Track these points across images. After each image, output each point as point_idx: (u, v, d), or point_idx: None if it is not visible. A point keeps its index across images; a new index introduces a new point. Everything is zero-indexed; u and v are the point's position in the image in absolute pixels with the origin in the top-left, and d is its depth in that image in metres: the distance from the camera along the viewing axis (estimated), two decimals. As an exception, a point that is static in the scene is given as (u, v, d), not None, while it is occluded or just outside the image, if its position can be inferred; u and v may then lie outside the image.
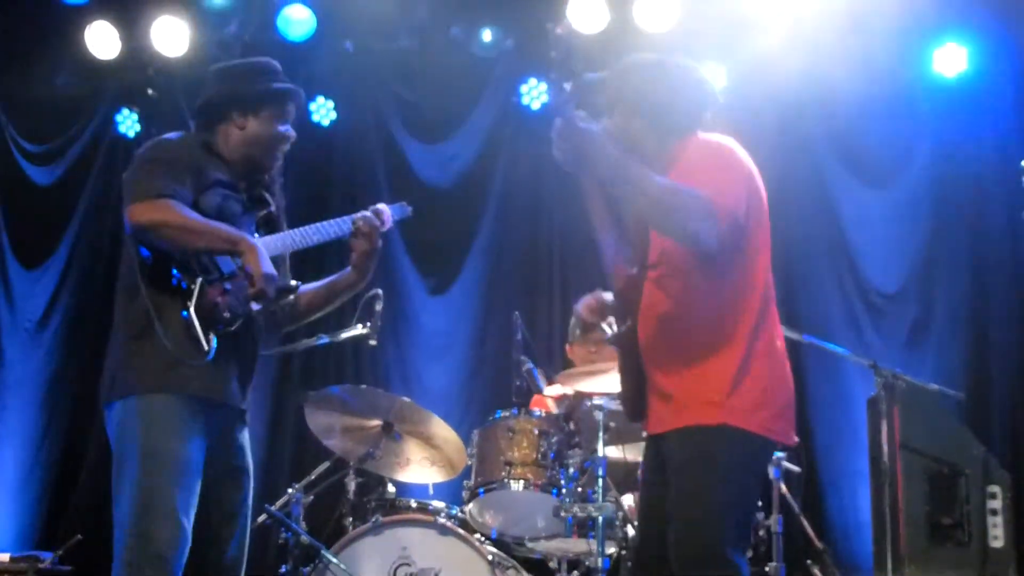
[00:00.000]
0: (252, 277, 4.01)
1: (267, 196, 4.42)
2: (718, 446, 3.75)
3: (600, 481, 5.39)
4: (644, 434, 4.15)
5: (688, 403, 3.81)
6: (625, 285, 4.02)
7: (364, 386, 6.16)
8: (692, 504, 3.74)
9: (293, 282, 4.29)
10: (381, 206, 4.56)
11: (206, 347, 3.96)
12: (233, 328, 4.07)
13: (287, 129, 4.39)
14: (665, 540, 3.83)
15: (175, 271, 4.01)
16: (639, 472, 4.32)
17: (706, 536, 3.71)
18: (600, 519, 5.32)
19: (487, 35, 8.31)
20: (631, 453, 5.79)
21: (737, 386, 3.78)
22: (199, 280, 4.01)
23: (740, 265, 3.87)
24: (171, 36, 8.27)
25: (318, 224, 4.42)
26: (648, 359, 3.95)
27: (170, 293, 4.01)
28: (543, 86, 8.44)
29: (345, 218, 4.45)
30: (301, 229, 4.39)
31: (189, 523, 3.93)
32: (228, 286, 4.06)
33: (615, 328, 4.17)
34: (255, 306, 4.13)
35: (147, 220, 3.99)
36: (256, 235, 4.26)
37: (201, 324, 3.96)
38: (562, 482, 5.62)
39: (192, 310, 3.96)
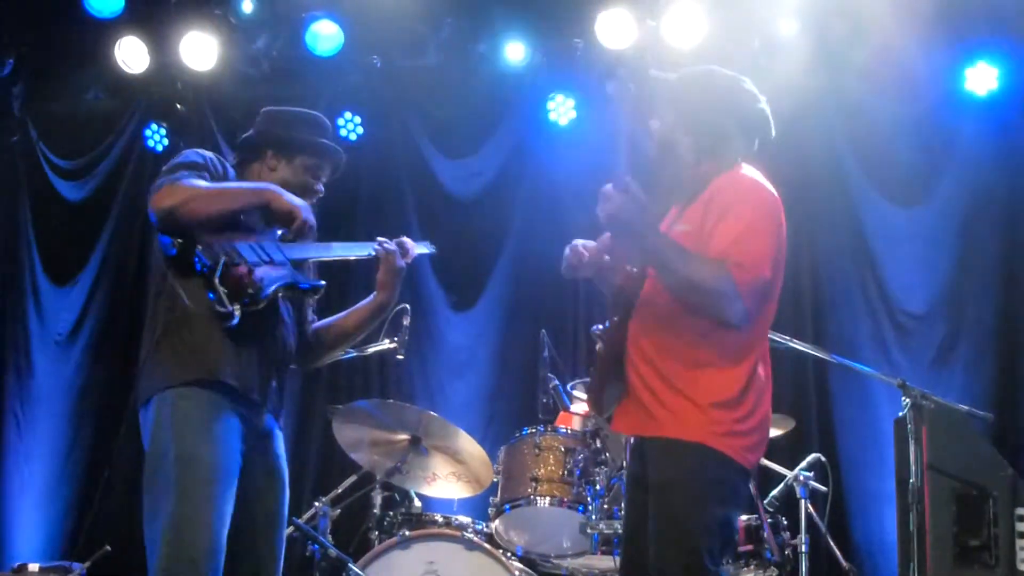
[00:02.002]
0: (288, 212, 4.09)
1: None
2: (699, 466, 3.77)
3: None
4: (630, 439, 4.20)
5: (675, 413, 3.81)
6: (624, 281, 4.01)
7: (391, 400, 6.16)
8: (674, 525, 3.76)
9: (319, 281, 4.34)
10: (406, 240, 4.60)
11: (229, 310, 3.98)
12: (257, 307, 4.08)
13: (315, 183, 4.45)
14: (647, 563, 3.85)
15: (199, 254, 4.03)
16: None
17: (688, 557, 3.72)
18: (627, 536, 5.31)
19: (514, 51, 8.31)
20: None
21: (729, 409, 3.80)
22: (222, 260, 4.04)
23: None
24: (200, 51, 8.28)
25: (329, 243, 4.51)
26: (639, 358, 3.92)
27: (195, 279, 4.04)
28: (570, 102, 8.45)
29: (367, 243, 4.53)
30: (323, 243, 4.44)
31: (224, 530, 3.94)
32: (252, 269, 4.09)
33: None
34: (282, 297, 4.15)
35: (170, 202, 4.01)
36: (279, 246, 4.28)
37: (226, 296, 3.99)
38: (588, 499, 5.63)
39: (217, 284, 3.99)
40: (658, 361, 3.87)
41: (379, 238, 4.53)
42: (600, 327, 4.00)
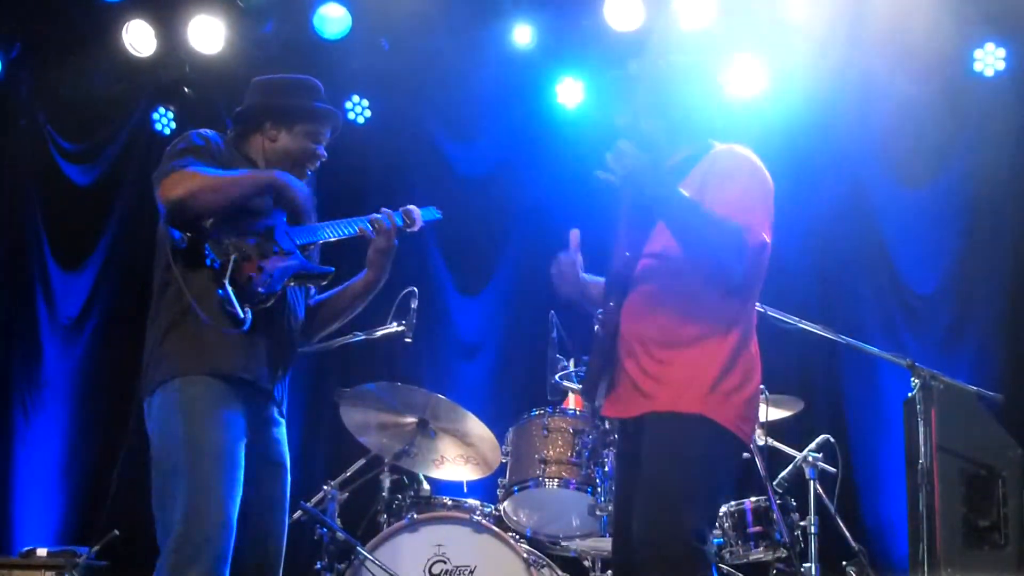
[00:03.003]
0: (297, 200, 4.12)
1: None
2: (691, 434, 3.83)
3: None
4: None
5: (671, 386, 3.88)
6: (622, 266, 4.06)
7: (399, 383, 6.16)
8: (658, 486, 3.81)
9: (326, 267, 4.32)
10: (411, 208, 4.58)
11: (242, 317, 3.97)
12: (268, 304, 4.08)
13: (317, 148, 4.42)
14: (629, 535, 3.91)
15: (208, 250, 4.03)
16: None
17: (671, 516, 3.76)
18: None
19: (523, 33, 8.29)
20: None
21: (721, 380, 3.87)
22: (232, 257, 4.03)
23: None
24: (207, 34, 8.28)
25: (336, 220, 4.44)
26: (633, 339, 3.97)
27: (204, 273, 4.03)
28: (579, 84, 8.44)
29: (362, 217, 4.46)
30: (327, 223, 4.41)
31: (235, 511, 3.93)
32: (262, 264, 4.08)
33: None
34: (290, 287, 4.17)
35: (179, 192, 4.00)
36: (287, 230, 4.27)
37: (237, 297, 3.99)
38: (597, 480, 5.62)
39: (227, 284, 3.98)
40: (651, 340, 3.93)
41: (374, 215, 4.46)
42: (600, 312, 4.03)
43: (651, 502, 3.80)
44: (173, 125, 8.85)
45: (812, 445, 6.17)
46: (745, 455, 5.88)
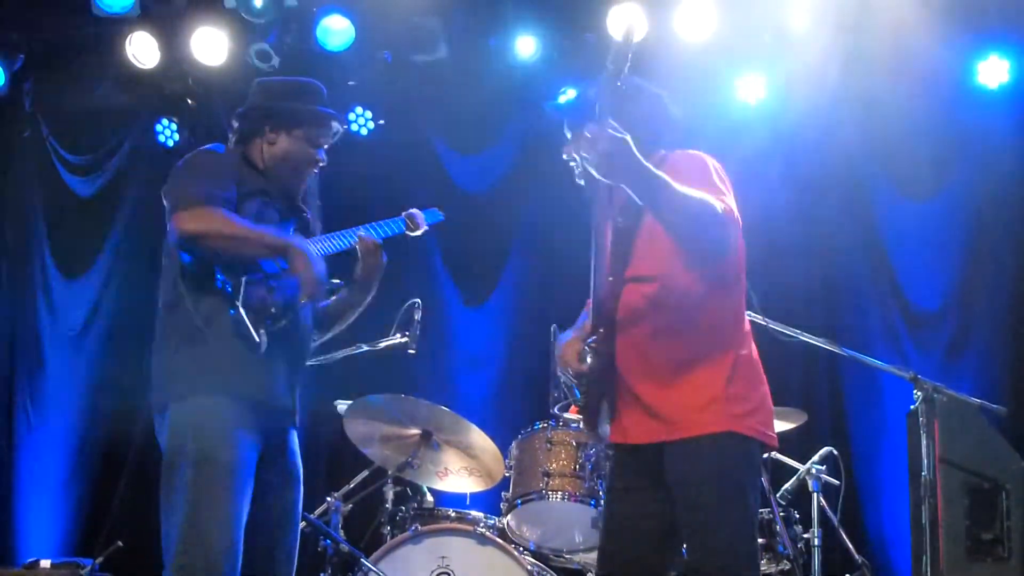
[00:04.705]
0: (303, 282, 4.04)
1: (302, 206, 4.44)
2: (730, 456, 3.84)
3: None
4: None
5: (687, 413, 3.87)
6: (606, 292, 4.05)
7: (403, 395, 6.16)
8: (718, 522, 3.80)
9: (336, 280, 4.32)
10: (414, 211, 4.58)
11: (257, 340, 3.98)
12: (280, 324, 4.08)
13: (317, 152, 4.41)
14: (635, 559, 3.95)
15: (218, 273, 4.03)
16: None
17: (740, 550, 3.79)
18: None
19: (525, 45, 8.29)
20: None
21: (730, 391, 3.88)
22: (243, 279, 4.03)
23: (733, 271, 4.03)
24: (210, 46, 8.27)
25: (331, 234, 4.43)
26: (632, 368, 3.97)
27: (215, 295, 4.05)
28: (581, 95, 8.44)
29: (352, 230, 4.46)
30: (320, 236, 4.41)
31: (240, 530, 3.94)
32: (273, 283, 4.08)
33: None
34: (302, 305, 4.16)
35: (194, 228, 4.01)
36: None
37: (250, 320, 3.98)
38: (600, 493, 5.62)
39: (240, 307, 3.98)
40: (657, 362, 3.93)
41: (361, 232, 4.46)
42: (593, 339, 4.00)
43: (715, 544, 3.79)
44: (176, 137, 8.84)
45: (815, 457, 6.17)
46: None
